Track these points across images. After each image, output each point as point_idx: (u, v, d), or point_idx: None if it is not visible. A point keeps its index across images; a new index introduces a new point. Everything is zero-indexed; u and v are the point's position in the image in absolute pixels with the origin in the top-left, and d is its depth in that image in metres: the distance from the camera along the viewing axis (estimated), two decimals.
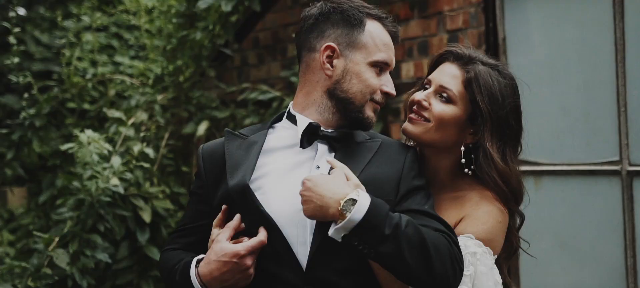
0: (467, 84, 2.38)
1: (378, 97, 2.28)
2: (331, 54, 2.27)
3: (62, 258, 3.88)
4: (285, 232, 2.17)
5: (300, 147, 2.26)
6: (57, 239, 4.07)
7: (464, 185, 2.42)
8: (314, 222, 2.13)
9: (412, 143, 2.48)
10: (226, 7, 4.92)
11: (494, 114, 2.35)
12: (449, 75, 2.41)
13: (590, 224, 4.07)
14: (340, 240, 2.04)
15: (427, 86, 2.46)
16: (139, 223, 4.36)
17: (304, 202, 2.09)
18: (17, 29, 5.47)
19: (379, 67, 2.28)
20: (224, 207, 2.26)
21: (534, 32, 4.24)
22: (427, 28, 4.66)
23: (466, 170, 2.41)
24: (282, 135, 2.34)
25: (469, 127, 2.41)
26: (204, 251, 2.26)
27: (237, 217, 2.21)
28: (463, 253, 2.22)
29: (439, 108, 2.39)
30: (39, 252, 4.05)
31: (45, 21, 7.29)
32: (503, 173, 2.35)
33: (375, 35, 2.28)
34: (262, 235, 2.16)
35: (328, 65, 2.26)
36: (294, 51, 5.22)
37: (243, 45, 5.72)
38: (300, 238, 2.16)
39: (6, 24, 5.48)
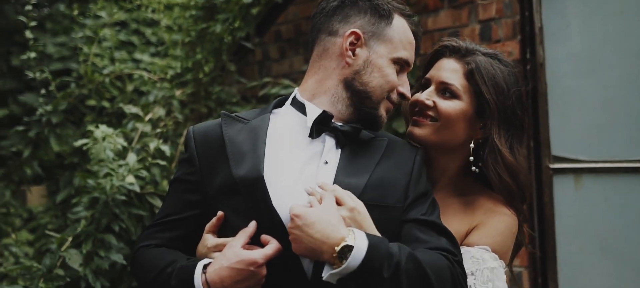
0: (470, 75, 2.26)
1: (394, 96, 2.16)
2: (355, 41, 2.12)
3: (74, 259, 3.76)
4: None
5: (309, 136, 2.09)
6: (70, 239, 3.94)
7: (473, 189, 2.29)
8: None
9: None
10: None
11: (501, 104, 2.24)
12: (449, 70, 2.29)
13: (633, 226, 3.85)
14: (335, 283, 1.89)
15: (425, 86, 2.33)
16: None
17: (293, 240, 1.91)
18: (33, 23, 5.36)
19: (400, 65, 2.15)
20: (219, 213, 2.05)
21: (572, 21, 4.05)
22: (458, 18, 4.49)
23: (473, 168, 2.28)
24: (288, 123, 2.15)
25: (477, 121, 2.28)
26: (189, 245, 2.07)
27: (253, 224, 2.01)
28: (481, 268, 2.11)
29: (445, 105, 2.26)
30: (52, 252, 3.93)
31: (66, 18, 7.25)
32: (512, 168, 2.23)
33: (402, 31, 2.16)
34: (276, 242, 1.97)
35: (350, 53, 2.12)
36: None
37: (264, 38, 5.63)
38: None
39: (23, 18, 5.38)
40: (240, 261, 1.95)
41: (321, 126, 2.09)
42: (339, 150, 2.10)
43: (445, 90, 2.28)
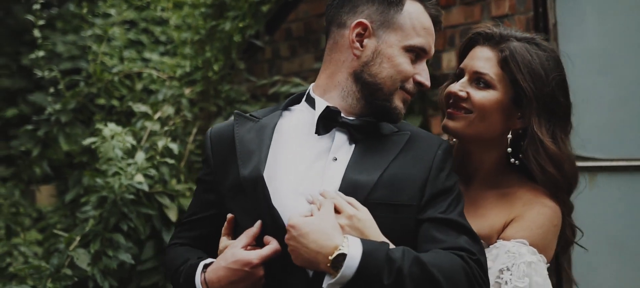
0: (504, 63, 2.16)
1: (410, 86, 2.06)
2: (362, 32, 2.05)
3: (82, 259, 3.73)
4: None
5: (316, 133, 2.04)
6: (78, 238, 3.92)
7: (512, 181, 2.19)
8: None
9: (453, 140, 2.28)
10: None
11: (539, 91, 2.13)
12: (482, 59, 2.19)
13: None
14: None
15: (460, 76, 2.24)
16: (164, 222, 4.18)
17: (291, 252, 1.88)
18: (41, 22, 5.34)
19: (415, 53, 2.05)
20: (229, 216, 2.06)
21: (587, 17, 3.99)
22: (470, 15, 4.43)
23: (513, 160, 2.18)
24: (298, 119, 2.11)
25: (515, 111, 2.18)
26: (213, 245, 2.08)
27: (258, 224, 1.99)
28: (517, 262, 2.01)
29: (479, 96, 2.17)
30: (60, 252, 3.91)
31: (75, 18, 7.26)
32: (555, 158, 2.12)
33: (414, 17, 2.05)
34: (275, 243, 1.96)
35: (357, 44, 2.05)
36: None
37: (274, 36, 5.59)
38: None
39: (30, 17, 5.36)
40: (236, 261, 1.95)
41: (329, 121, 2.04)
42: (353, 145, 2.04)
43: (479, 80, 2.18)
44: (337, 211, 1.90)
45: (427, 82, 2.07)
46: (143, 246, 4.15)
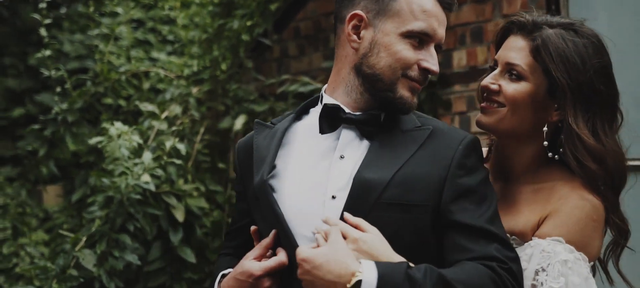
0: (536, 52, 2.03)
1: (413, 73, 1.95)
2: (358, 24, 1.96)
3: (88, 259, 3.70)
4: (300, 242, 1.92)
5: (320, 132, 1.99)
6: (84, 239, 3.89)
7: (551, 176, 2.06)
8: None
9: (492, 136, 2.18)
10: None
11: (573, 81, 2.00)
12: (514, 49, 2.08)
13: None
14: None
15: (495, 67, 2.14)
16: (171, 223, 4.15)
17: (306, 286, 1.83)
18: (48, 20, 5.32)
19: (417, 38, 1.95)
20: (252, 228, 2.06)
21: (600, 15, 3.94)
22: (482, 13, 4.38)
23: (550, 154, 2.06)
24: (310, 121, 2.07)
25: (551, 103, 2.06)
26: None
27: (272, 234, 1.97)
28: (552, 262, 1.89)
29: (511, 88, 2.06)
30: (66, 252, 3.88)
31: (82, 17, 7.23)
32: (595, 152, 1.98)
33: (413, 0, 1.95)
34: (282, 255, 1.93)
35: (354, 37, 1.97)
36: None
37: (283, 35, 5.57)
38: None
39: (37, 16, 5.34)
40: (242, 272, 1.95)
41: (333, 119, 1.98)
42: (364, 141, 1.98)
43: (511, 72, 2.07)
44: (343, 236, 1.85)
45: (434, 67, 1.96)
46: (150, 246, 4.13)
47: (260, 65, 5.62)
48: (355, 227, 1.86)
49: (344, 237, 1.84)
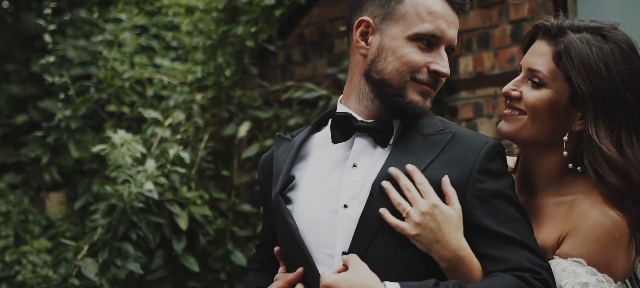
0: (558, 58, 1.95)
1: (423, 76, 1.91)
2: (366, 30, 1.95)
3: (90, 268, 3.68)
4: (314, 253, 1.91)
5: (332, 142, 1.97)
6: (86, 248, 3.86)
7: (573, 188, 1.98)
8: (340, 245, 1.90)
9: (515, 146, 2.12)
10: (269, 0, 4.73)
11: (596, 89, 1.91)
12: (537, 54, 2.01)
13: None
14: None
15: (520, 73, 2.07)
16: (174, 231, 4.12)
17: None
18: (52, 27, 5.30)
19: (425, 41, 1.91)
20: (276, 249, 2.07)
21: (610, 19, 3.84)
22: (488, 18, 4.34)
23: (571, 165, 1.99)
24: (325, 132, 2.05)
25: (574, 111, 1.98)
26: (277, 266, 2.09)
27: (299, 271, 1.95)
28: (571, 283, 1.83)
29: (531, 95, 1.99)
30: (67, 261, 3.85)
31: (86, 24, 7.23)
32: (617, 166, 1.89)
33: (419, 2, 1.92)
34: None
35: (362, 43, 1.96)
36: (341, 47, 5.05)
37: (287, 41, 5.53)
38: (327, 263, 1.92)
39: (41, 22, 5.31)
40: None
41: (344, 127, 1.96)
42: (377, 148, 1.94)
43: (534, 79, 2.00)
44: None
45: (444, 69, 1.92)
46: (152, 255, 4.10)
47: (264, 71, 5.60)
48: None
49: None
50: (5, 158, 6.84)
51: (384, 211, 1.84)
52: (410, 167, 1.86)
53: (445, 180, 1.85)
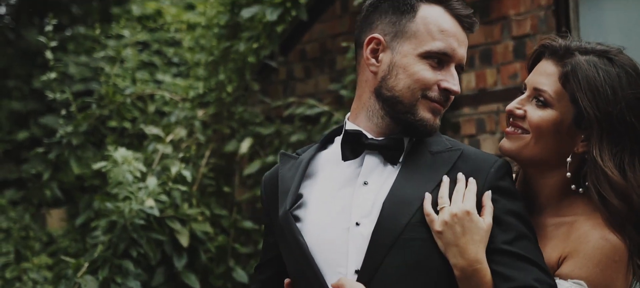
0: (564, 80, 1.95)
1: (433, 94, 1.92)
2: (376, 47, 1.96)
3: (90, 286, 3.66)
4: (324, 272, 1.91)
5: (343, 159, 1.95)
6: (86, 265, 3.83)
7: (574, 209, 1.98)
8: (353, 263, 1.89)
9: (515, 165, 2.10)
10: (271, 16, 4.73)
11: (601, 112, 1.92)
12: (543, 74, 2.01)
13: None
14: None
15: (524, 91, 2.07)
16: (175, 248, 4.11)
17: None
18: (53, 43, 5.30)
19: (436, 58, 1.91)
20: (286, 281, 2.03)
21: (612, 37, 3.88)
22: (490, 35, 4.34)
23: (573, 187, 1.98)
24: (333, 149, 2.04)
25: (577, 133, 1.98)
26: (281, 285, 2.06)
27: None
28: None
29: (536, 115, 1.99)
30: (67, 278, 3.82)
31: (87, 40, 7.24)
32: (619, 189, 1.90)
33: (430, 21, 1.92)
34: None
35: (373, 60, 1.96)
36: (343, 63, 5.03)
37: (289, 57, 5.53)
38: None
39: (42, 38, 5.32)
40: None
41: (355, 145, 1.95)
42: (388, 166, 1.94)
43: (539, 98, 2.00)
44: None
45: (454, 87, 1.93)
46: (153, 272, 4.08)
47: (266, 87, 5.60)
48: None
49: None
50: (6, 175, 6.83)
51: (427, 196, 1.85)
52: (461, 175, 1.88)
53: (487, 194, 1.86)
